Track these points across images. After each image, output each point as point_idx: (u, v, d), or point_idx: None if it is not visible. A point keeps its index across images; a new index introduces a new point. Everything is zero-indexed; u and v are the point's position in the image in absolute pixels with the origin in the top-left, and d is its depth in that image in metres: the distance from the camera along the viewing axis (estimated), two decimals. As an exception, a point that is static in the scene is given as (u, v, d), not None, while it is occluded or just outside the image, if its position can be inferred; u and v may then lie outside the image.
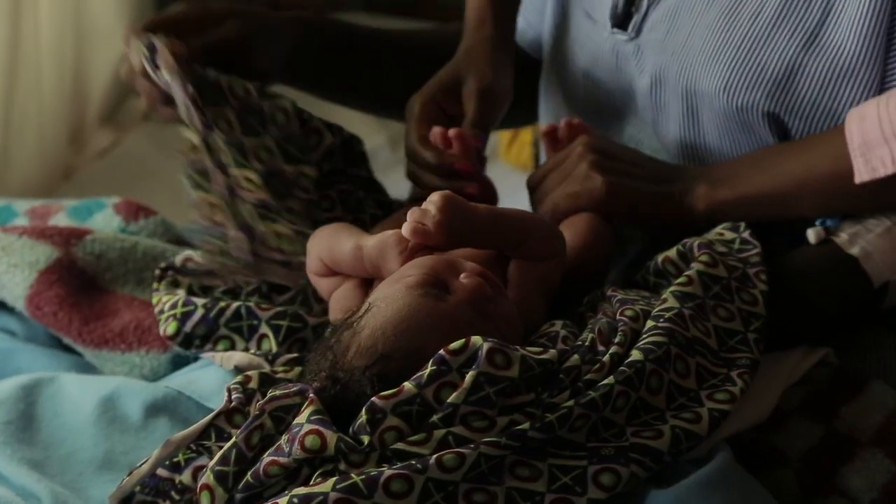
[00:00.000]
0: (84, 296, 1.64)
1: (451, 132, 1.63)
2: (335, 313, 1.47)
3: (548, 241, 1.47)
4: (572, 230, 1.56)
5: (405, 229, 1.39)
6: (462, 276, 1.40)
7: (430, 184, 1.65)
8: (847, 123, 1.51)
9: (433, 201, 1.39)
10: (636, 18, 1.73)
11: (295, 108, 1.80)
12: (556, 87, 1.88)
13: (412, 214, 1.39)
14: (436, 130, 1.65)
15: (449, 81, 1.73)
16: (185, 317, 1.55)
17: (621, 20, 1.74)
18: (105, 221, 1.83)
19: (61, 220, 1.84)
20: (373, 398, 1.25)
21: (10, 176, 2.59)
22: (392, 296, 1.38)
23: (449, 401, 1.24)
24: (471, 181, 1.64)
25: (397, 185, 2.26)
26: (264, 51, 1.81)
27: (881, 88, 1.54)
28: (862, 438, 1.43)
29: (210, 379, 1.51)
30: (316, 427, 1.26)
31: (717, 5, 1.63)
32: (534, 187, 1.65)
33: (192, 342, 1.54)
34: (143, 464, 1.33)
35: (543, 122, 1.91)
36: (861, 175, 1.49)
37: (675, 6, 1.68)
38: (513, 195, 1.91)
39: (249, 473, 1.26)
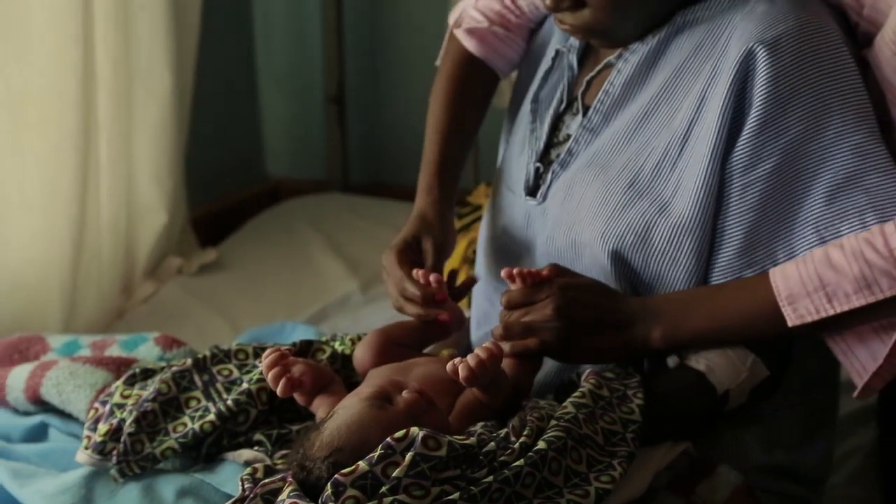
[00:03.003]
0: None
1: (432, 276, 1.63)
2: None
3: (503, 394, 1.50)
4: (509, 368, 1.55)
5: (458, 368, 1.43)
6: (404, 392, 1.46)
7: (414, 311, 1.65)
8: (771, 277, 1.52)
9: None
10: (543, 188, 1.73)
11: None
12: (484, 238, 1.89)
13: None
14: (419, 272, 1.64)
15: (410, 239, 1.74)
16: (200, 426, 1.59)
17: (532, 190, 1.75)
18: (147, 351, 1.86)
19: (115, 350, 1.86)
20: (336, 475, 1.31)
21: (77, 318, 2.61)
22: (348, 405, 1.45)
23: (394, 475, 1.30)
24: (444, 308, 1.64)
25: (367, 319, 2.31)
26: None
27: (712, 240, 1.57)
28: (714, 508, 1.51)
29: (226, 470, 1.55)
30: (294, 500, 1.35)
31: (599, 180, 1.64)
32: (504, 306, 1.59)
33: (210, 448, 1.59)
34: None
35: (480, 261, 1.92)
36: (791, 321, 1.50)
37: (570, 179, 1.69)
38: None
39: None
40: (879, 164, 1.52)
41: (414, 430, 1.34)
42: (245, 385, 1.61)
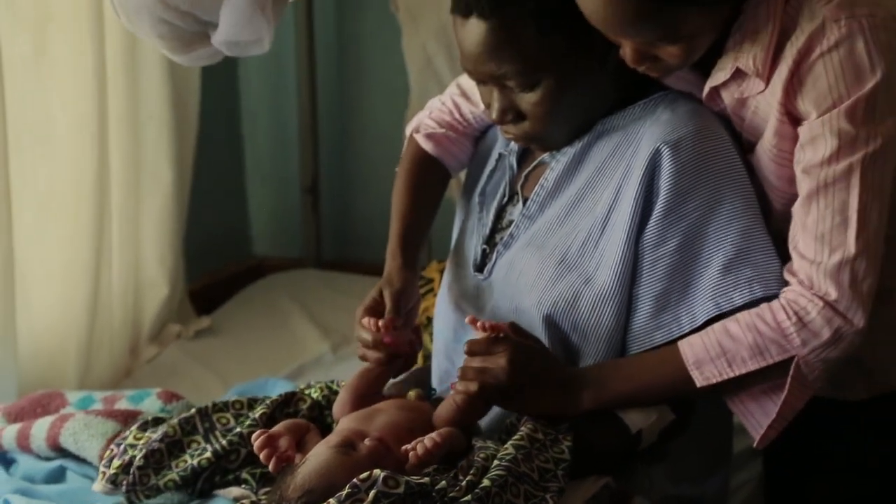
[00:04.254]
0: None
1: (380, 321, 1.62)
2: None
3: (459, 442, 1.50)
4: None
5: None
6: (366, 440, 1.46)
7: (369, 355, 1.64)
8: (680, 346, 1.51)
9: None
10: (489, 266, 1.71)
11: None
12: (441, 306, 1.84)
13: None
14: (367, 320, 1.63)
15: (376, 295, 1.70)
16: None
17: (479, 267, 1.74)
18: (151, 404, 1.84)
19: (123, 404, 1.84)
20: None
21: (91, 376, 2.59)
22: (318, 452, 1.46)
23: None
24: (392, 349, 1.63)
25: (337, 375, 2.29)
26: None
27: (628, 306, 1.57)
28: (629, 533, 1.51)
29: None
30: None
31: (535, 257, 1.63)
32: (466, 352, 1.54)
33: (203, 487, 1.58)
34: None
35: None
36: (699, 382, 1.50)
37: (512, 257, 1.68)
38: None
39: None
40: (763, 244, 1.54)
41: (376, 471, 1.34)
42: (238, 429, 1.60)
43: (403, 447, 1.45)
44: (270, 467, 1.48)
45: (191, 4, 1.82)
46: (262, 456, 1.49)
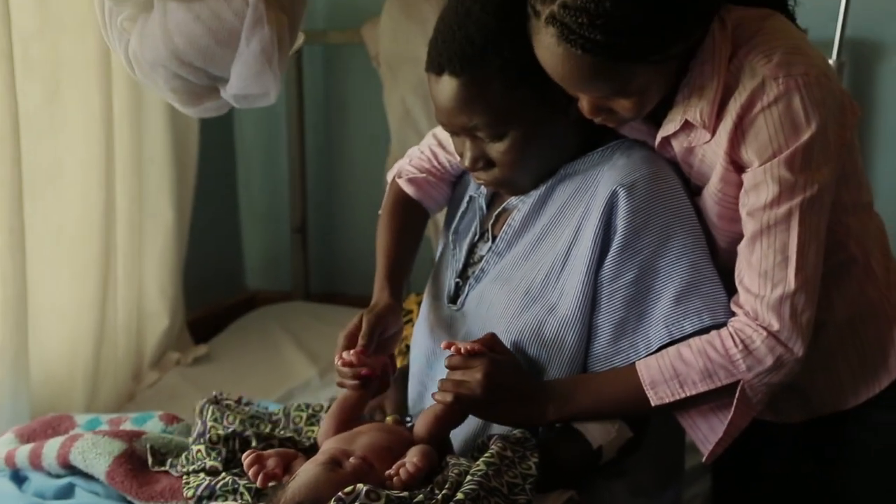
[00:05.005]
0: (139, 471, 1.63)
1: (352, 352, 1.61)
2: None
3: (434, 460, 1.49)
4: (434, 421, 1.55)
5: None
6: (350, 458, 1.46)
7: (347, 385, 1.62)
8: (637, 367, 1.52)
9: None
10: (462, 298, 1.72)
11: None
12: (418, 334, 1.83)
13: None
14: (338, 358, 1.62)
15: (357, 322, 1.67)
16: (197, 488, 1.54)
17: (453, 299, 1.74)
18: (153, 426, 1.83)
19: (127, 425, 1.83)
20: None
21: (97, 400, 2.57)
22: (306, 469, 1.45)
23: None
24: (365, 378, 1.61)
25: (323, 399, 2.29)
26: None
27: (588, 333, 1.57)
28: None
29: None
30: None
31: (503, 290, 1.63)
32: (446, 366, 1.55)
33: (201, 500, 1.53)
34: None
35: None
36: (654, 401, 1.51)
37: (482, 290, 1.68)
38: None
39: None
40: (711, 277, 1.54)
41: (359, 486, 1.34)
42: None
43: (387, 472, 1.43)
44: (258, 483, 1.47)
45: (204, 61, 1.83)
46: (251, 472, 1.48)
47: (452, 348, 1.55)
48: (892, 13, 2.69)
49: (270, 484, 1.47)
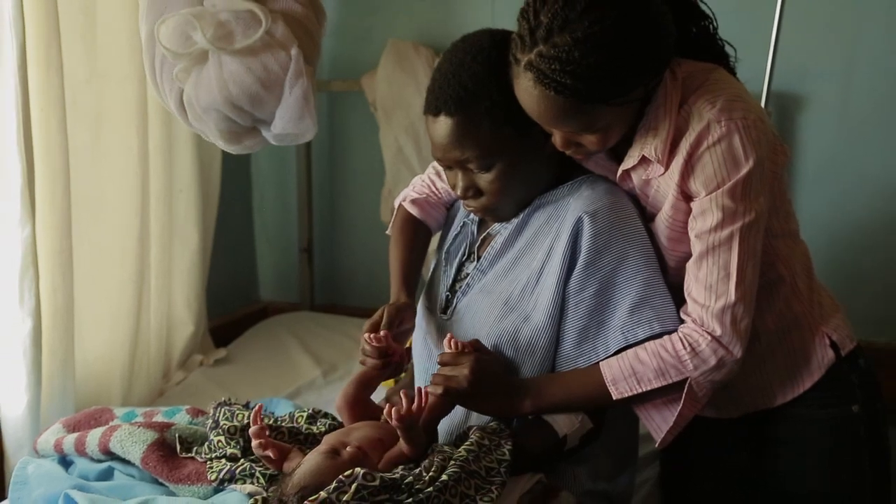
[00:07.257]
0: (170, 457, 1.62)
1: (381, 334, 1.61)
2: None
3: (421, 447, 1.48)
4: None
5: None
6: (347, 448, 1.46)
7: (370, 363, 1.62)
8: (601, 367, 1.51)
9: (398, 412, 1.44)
10: (451, 308, 1.71)
11: None
12: (416, 340, 1.81)
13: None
14: (366, 336, 1.62)
15: (380, 315, 1.67)
16: (220, 472, 1.54)
17: (444, 309, 1.73)
18: (181, 418, 1.81)
19: (159, 418, 1.83)
20: (304, 502, 1.30)
21: (132, 396, 2.57)
22: (310, 458, 1.45)
23: (344, 499, 1.30)
24: (390, 357, 1.62)
25: (327, 395, 2.27)
26: None
27: (557, 338, 1.56)
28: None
29: (234, 499, 1.48)
30: None
31: (485, 301, 1.63)
32: (438, 362, 1.55)
33: (223, 482, 1.53)
34: None
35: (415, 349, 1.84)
36: (615, 395, 1.50)
37: (468, 301, 1.67)
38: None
39: None
40: (661, 291, 1.54)
41: (357, 470, 1.34)
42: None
43: (394, 416, 1.43)
44: (255, 445, 1.48)
45: (252, 105, 1.83)
46: (254, 444, 1.49)
47: (452, 342, 1.55)
48: (811, 72, 2.70)
49: (274, 473, 1.47)
